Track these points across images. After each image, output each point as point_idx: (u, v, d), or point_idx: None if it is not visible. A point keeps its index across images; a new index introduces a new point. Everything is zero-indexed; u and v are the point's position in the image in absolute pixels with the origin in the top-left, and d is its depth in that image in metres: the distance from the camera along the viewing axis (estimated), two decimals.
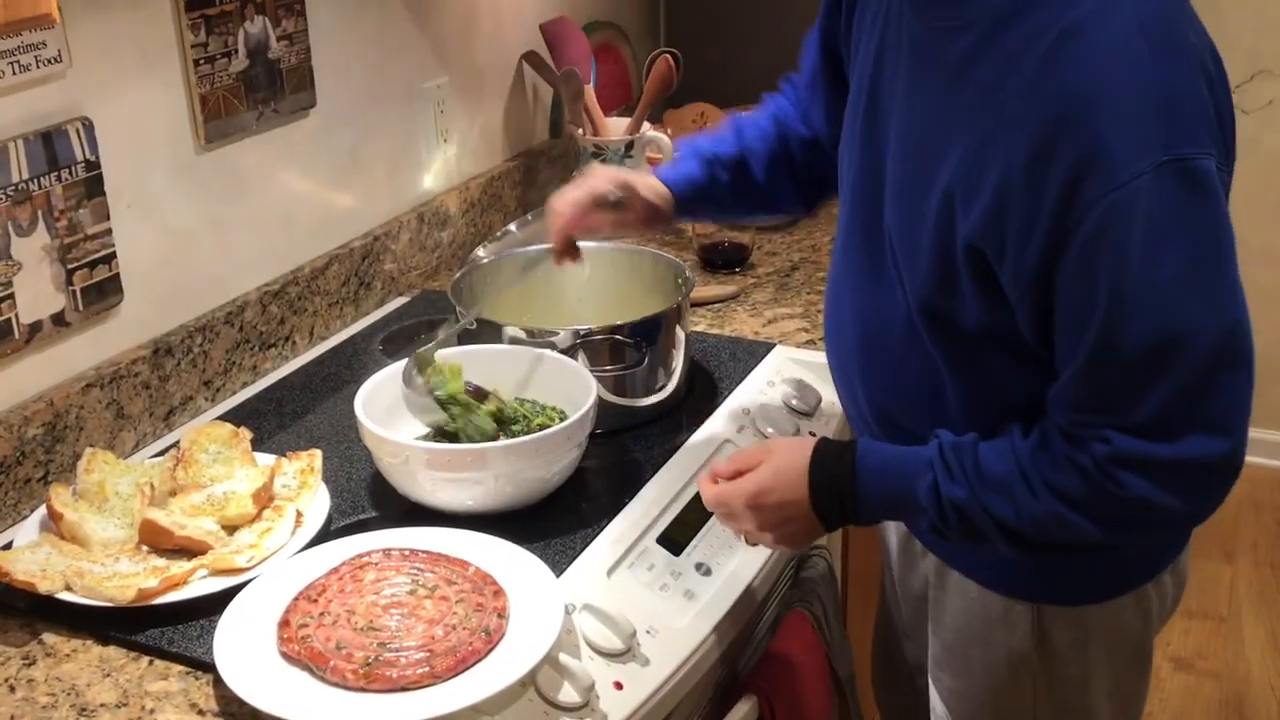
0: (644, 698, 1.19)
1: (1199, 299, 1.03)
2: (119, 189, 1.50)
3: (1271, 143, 3.27)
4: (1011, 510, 1.12)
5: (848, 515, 1.21)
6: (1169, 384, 1.03)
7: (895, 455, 1.19)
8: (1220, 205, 1.03)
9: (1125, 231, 0.99)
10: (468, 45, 2.14)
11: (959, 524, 1.15)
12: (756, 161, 1.50)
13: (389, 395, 1.46)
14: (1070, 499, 1.09)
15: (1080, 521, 1.10)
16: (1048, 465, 1.10)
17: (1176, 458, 1.06)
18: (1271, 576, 3.08)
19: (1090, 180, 0.99)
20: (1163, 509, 1.08)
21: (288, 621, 1.16)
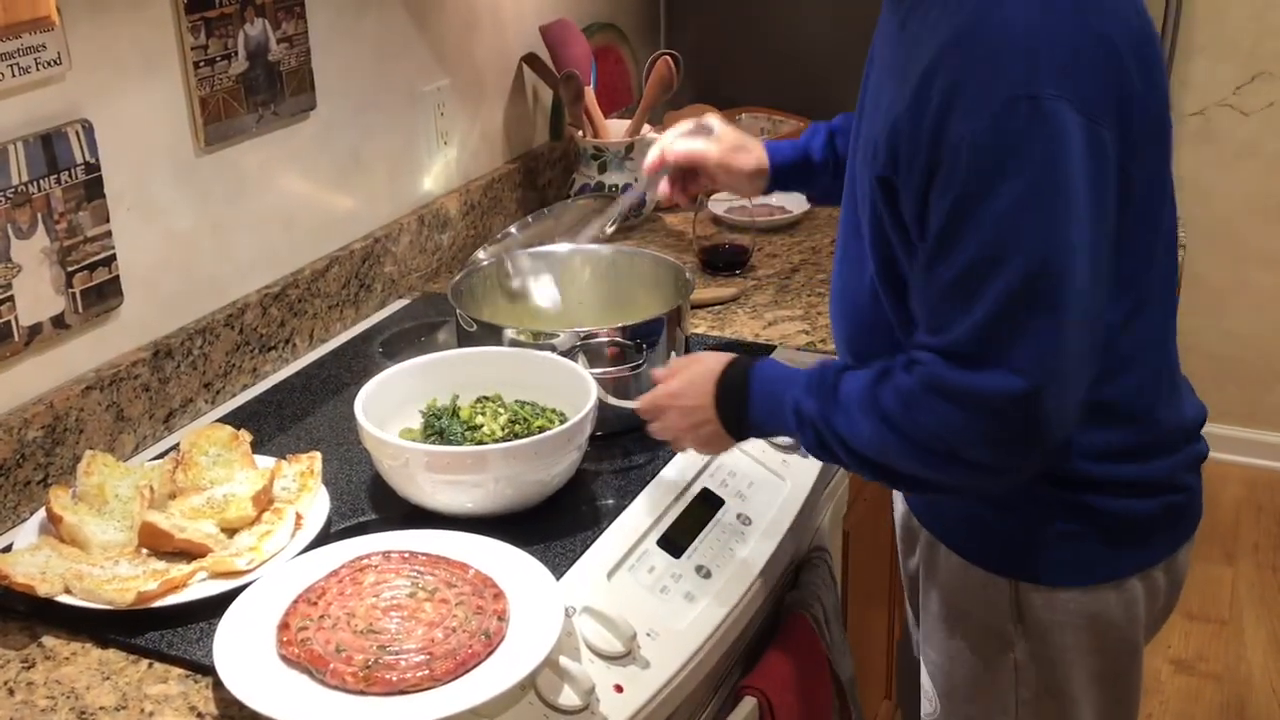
0: (644, 700, 1.19)
1: (1024, 232, 1.06)
2: (119, 191, 1.50)
3: (1272, 145, 3.27)
4: (848, 427, 1.18)
5: (743, 426, 1.29)
6: (981, 309, 1.07)
7: (784, 373, 1.27)
8: (1068, 148, 1.05)
9: (972, 158, 1.06)
10: (468, 47, 2.14)
11: (815, 440, 1.22)
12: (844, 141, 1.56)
13: (389, 397, 1.46)
14: (890, 421, 1.15)
15: (895, 445, 1.15)
16: (883, 387, 1.16)
17: (975, 387, 1.09)
18: (1272, 579, 3.08)
19: (952, 114, 1.06)
20: (958, 442, 1.11)
21: (287, 624, 1.16)
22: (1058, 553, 1.27)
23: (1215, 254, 3.34)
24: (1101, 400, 1.19)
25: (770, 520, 1.47)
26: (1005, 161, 1.05)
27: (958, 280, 1.09)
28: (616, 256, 1.77)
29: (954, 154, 1.06)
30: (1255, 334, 3.42)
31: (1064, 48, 1.06)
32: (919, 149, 1.09)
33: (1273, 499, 3.39)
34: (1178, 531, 1.33)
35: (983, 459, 1.13)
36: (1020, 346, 1.07)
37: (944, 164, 1.07)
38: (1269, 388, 3.47)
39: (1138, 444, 1.25)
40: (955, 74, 1.07)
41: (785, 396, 1.24)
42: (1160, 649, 2.84)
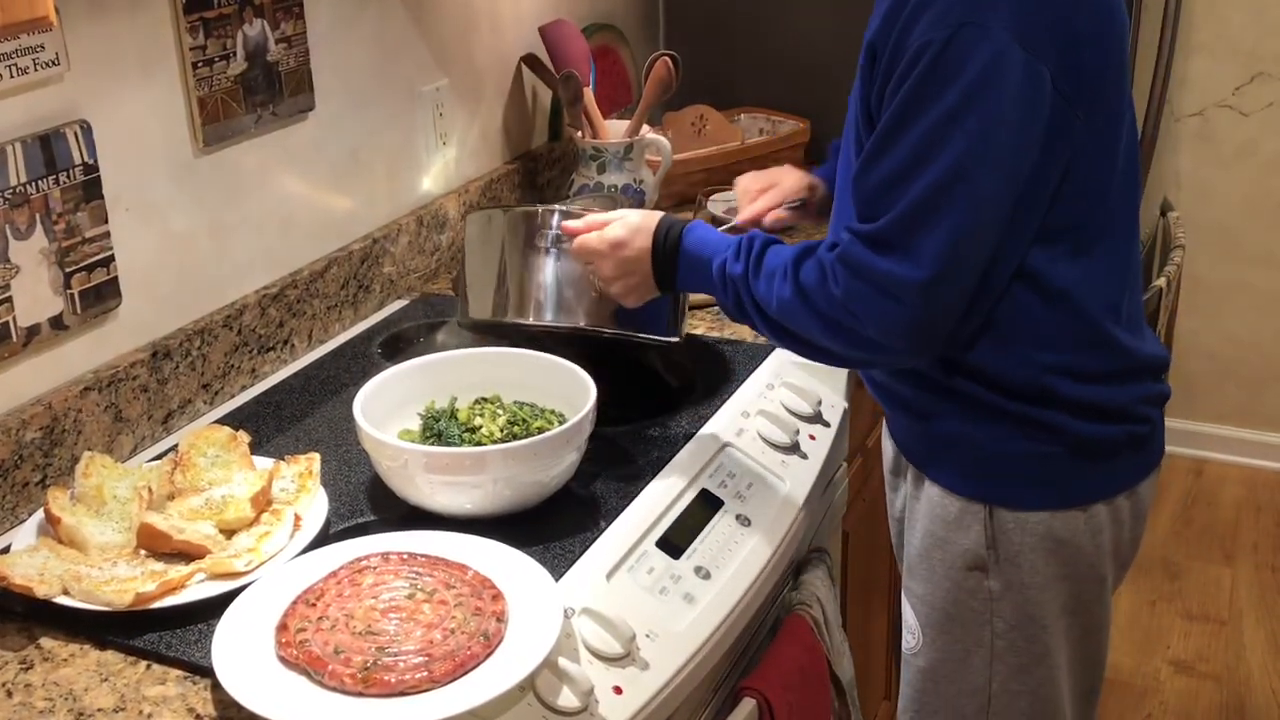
0: (643, 702, 1.19)
1: (950, 140, 1.19)
2: (117, 192, 1.50)
3: (1271, 145, 3.27)
4: (766, 293, 1.33)
5: (671, 280, 1.43)
6: (903, 202, 1.22)
7: (713, 236, 1.41)
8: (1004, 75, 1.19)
9: (920, 71, 1.20)
10: (467, 48, 2.14)
11: (733, 301, 1.37)
12: None
13: (388, 398, 1.45)
14: (803, 291, 1.29)
15: (805, 313, 1.30)
16: (805, 261, 1.31)
17: (882, 269, 1.23)
18: (1272, 579, 3.08)
19: (915, 28, 1.21)
20: (860, 315, 1.25)
21: (286, 625, 1.16)
22: (1027, 475, 1.37)
23: (1214, 254, 3.34)
24: (1064, 322, 1.32)
25: (769, 521, 1.47)
26: (947, 76, 1.19)
27: (889, 175, 1.23)
28: None
29: (908, 64, 1.21)
30: (1254, 334, 3.42)
31: None
32: (884, 57, 1.25)
33: (1272, 499, 3.39)
34: (1139, 460, 1.41)
35: (877, 335, 1.26)
36: (928, 240, 1.21)
37: (898, 71, 1.22)
38: (1269, 388, 3.47)
39: (1099, 368, 1.35)
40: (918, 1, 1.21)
41: (714, 257, 1.38)
42: (1160, 649, 2.84)
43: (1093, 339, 1.34)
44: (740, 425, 1.58)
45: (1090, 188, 1.30)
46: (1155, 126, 2.97)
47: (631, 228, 1.43)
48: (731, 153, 2.43)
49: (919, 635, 1.47)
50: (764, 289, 1.33)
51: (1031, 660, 1.42)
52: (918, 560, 1.46)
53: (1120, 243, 1.36)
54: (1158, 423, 1.43)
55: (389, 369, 1.49)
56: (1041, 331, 1.32)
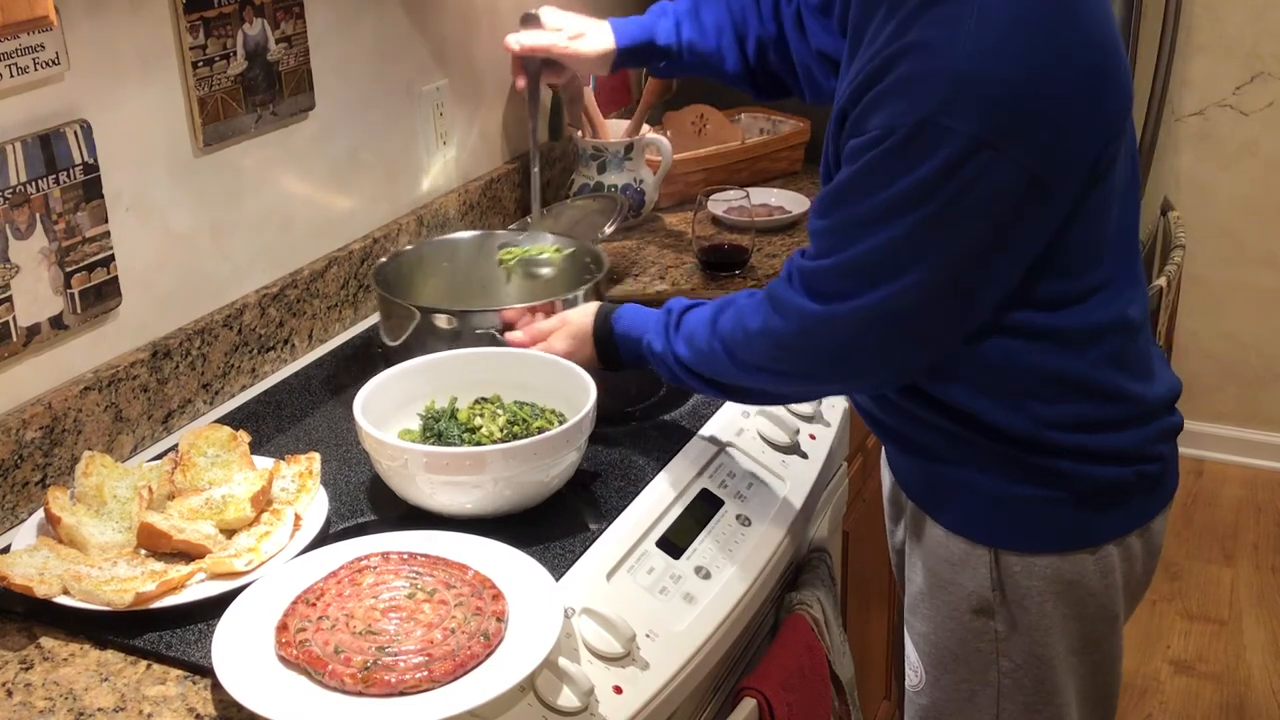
0: (643, 702, 1.19)
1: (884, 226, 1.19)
2: (117, 192, 1.50)
3: (1271, 146, 3.27)
4: (690, 354, 1.38)
5: (616, 366, 1.48)
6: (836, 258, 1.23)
7: (638, 317, 1.46)
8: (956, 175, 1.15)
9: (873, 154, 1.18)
10: (467, 47, 2.14)
11: (668, 373, 1.42)
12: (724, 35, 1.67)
13: (388, 398, 1.45)
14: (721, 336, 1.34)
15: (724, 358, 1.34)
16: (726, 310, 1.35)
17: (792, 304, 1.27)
18: (1272, 579, 3.08)
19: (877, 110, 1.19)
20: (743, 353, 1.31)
21: (286, 625, 1.16)
22: (1034, 519, 1.33)
23: (1215, 254, 3.34)
24: (1064, 375, 1.27)
25: (769, 521, 1.47)
26: (894, 171, 1.16)
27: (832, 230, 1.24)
28: None
29: (865, 143, 1.19)
30: (1255, 334, 3.42)
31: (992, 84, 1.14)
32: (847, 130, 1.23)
33: (1272, 499, 3.39)
34: (1152, 499, 1.37)
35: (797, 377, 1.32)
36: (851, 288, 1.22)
37: (854, 144, 1.20)
38: (1269, 388, 3.47)
39: (1106, 417, 1.30)
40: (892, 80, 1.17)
41: (640, 339, 1.43)
42: (1160, 649, 2.84)
43: (1095, 391, 1.29)
44: (740, 425, 1.58)
45: (1083, 248, 1.25)
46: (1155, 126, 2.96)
47: (572, 336, 1.50)
48: (731, 153, 2.43)
49: (921, 673, 1.44)
50: (686, 350, 1.38)
51: (1040, 699, 1.38)
52: (920, 599, 1.43)
53: (1121, 288, 1.30)
54: (1170, 458, 1.38)
55: (389, 369, 1.49)
56: (1037, 385, 1.28)
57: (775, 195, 2.37)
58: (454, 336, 1.59)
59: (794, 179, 2.50)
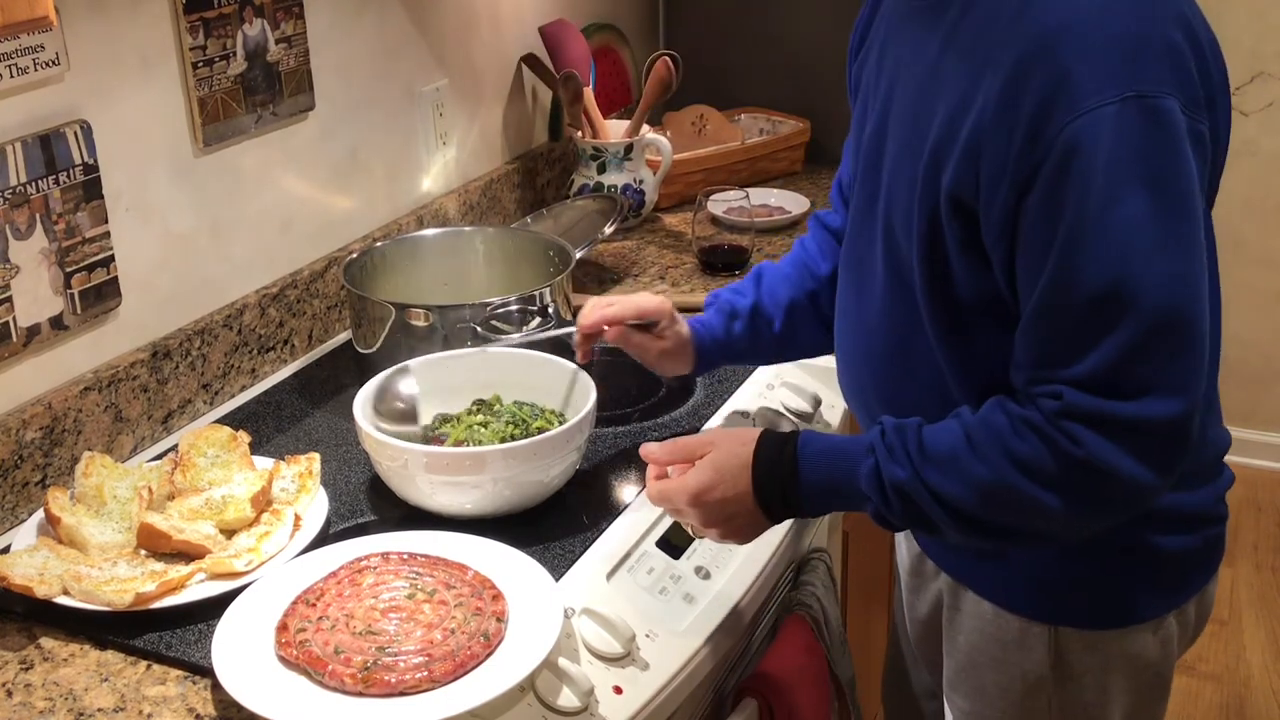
0: (643, 702, 1.19)
1: (1152, 243, 1.00)
2: (117, 192, 1.50)
3: (1271, 145, 3.27)
4: (958, 486, 1.09)
5: (791, 508, 1.20)
6: (1120, 334, 1.01)
7: (838, 442, 1.18)
8: (1182, 147, 1.01)
9: (1087, 163, 0.99)
10: (467, 48, 2.14)
11: (903, 508, 1.13)
12: (774, 308, 1.48)
13: (388, 398, 1.45)
14: (1023, 462, 1.06)
15: (1034, 489, 1.06)
16: (999, 428, 1.08)
17: (1129, 415, 1.03)
18: (1272, 579, 3.08)
19: (1055, 112, 1.00)
20: (1117, 471, 1.04)
21: (286, 625, 1.16)
22: (1100, 597, 1.23)
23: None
24: None
25: None
26: (1127, 167, 0.99)
27: (1088, 306, 1.02)
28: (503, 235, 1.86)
29: (1063, 158, 0.99)
30: (1255, 334, 3.42)
31: (1162, 42, 1.01)
32: (1009, 157, 1.02)
33: (1272, 499, 3.39)
34: (1210, 566, 1.29)
35: (1146, 483, 1.05)
36: (1165, 366, 1.02)
37: (1046, 171, 1.00)
38: (1269, 388, 3.47)
39: (1188, 469, 1.13)
40: (1054, 72, 1.00)
41: (854, 469, 1.15)
42: None
43: None
44: (740, 425, 1.58)
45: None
46: None
47: (719, 469, 1.20)
48: (731, 153, 2.43)
49: None
50: (950, 483, 1.10)
51: None
52: (964, 675, 1.33)
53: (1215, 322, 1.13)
54: (1226, 518, 1.28)
55: (389, 369, 1.49)
56: None
57: (775, 195, 2.37)
58: (430, 334, 1.58)
59: (794, 179, 2.50)
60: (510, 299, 1.60)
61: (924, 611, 1.41)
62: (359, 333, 1.68)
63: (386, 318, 1.60)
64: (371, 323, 1.63)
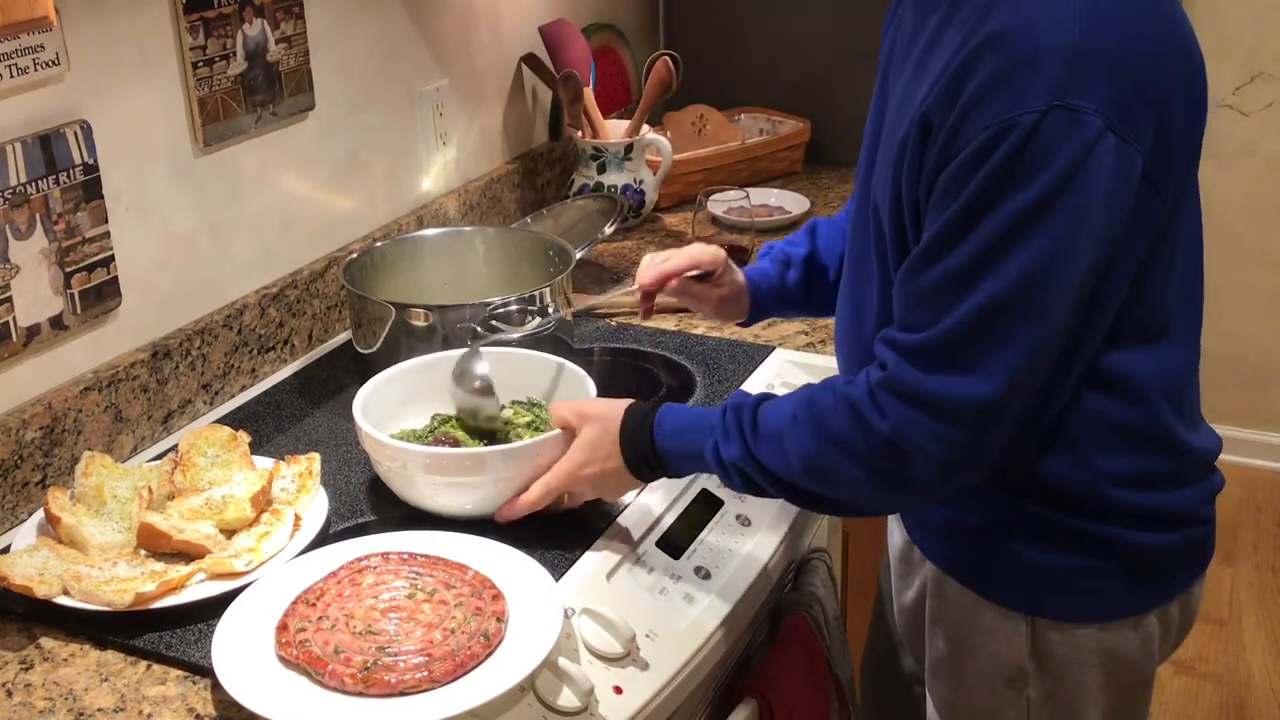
0: (643, 702, 1.19)
1: (1028, 242, 1.05)
2: (117, 192, 1.50)
3: (1271, 146, 3.27)
4: (781, 459, 1.20)
5: (657, 473, 1.31)
6: (963, 310, 1.07)
7: (687, 420, 1.28)
8: (1094, 168, 1.04)
9: (998, 159, 1.03)
10: (467, 48, 2.14)
11: (741, 481, 1.24)
12: (829, 257, 1.52)
13: (388, 399, 1.45)
14: (837, 438, 1.15)
15: (845, 464, 1.15)
16: (820, 407, 1.17)
17: (941, 391, 1.09)
18: (1272, 579, 3.08)
19: (986, 107, 1.04)
20: (918, 449, 1.11)
21: (286, 625, 1.16)
22: (1079, 590, 1.24)
23: (1215, 254, 3.30)
24: (1131, 425, 1.19)
25: (769, 521, 1.47)
26: (1031, 166, 1.03)
27: (949, 275, 1.08)
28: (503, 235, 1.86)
29: (981, 147, 1.04)
30: (1255, 334, 3.42)
31: (1106, 58, 1.04)
32: (943, 135, 1.07)
33: (1272, 499, 3.39)
34: (1195, 566, 1.30)
35: (930, 469, 1.12)
36: (997, 354, 1.07)
37: (964, 154, 1.05)
38: (1269, 388, 3.47)
39: (1163, 471, 1.22)
40: (992, 71, 1.04)
41: (700, 446, 1.25)
42: None
43: (1160, 441, 1.21)
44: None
45: (1164, 276, 1.16)
46: None
47: (589, 444, 1.31)
48: (731, 153, 2.43)
49: None
50: (774, 457, 1.20)
51: None
52: (943, 664, 1.35)
53: (1190, 331, 1.22)
54: (1213, 520, 1.29)
55: (389, 369, 1.49)
56: (1109, 436, 1.18)
57: (775, 195, 2.37)
58: (430, 334, 1.58)
59: (794, 179, 2.50)
60: (510, 299, 1.60)
61: (911, 599, 1.43)
62: (359, 333, 1.68)
63: (386, 318, 1.60)
64: (371, 323, 1.63)
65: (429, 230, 1.91)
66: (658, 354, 1.78)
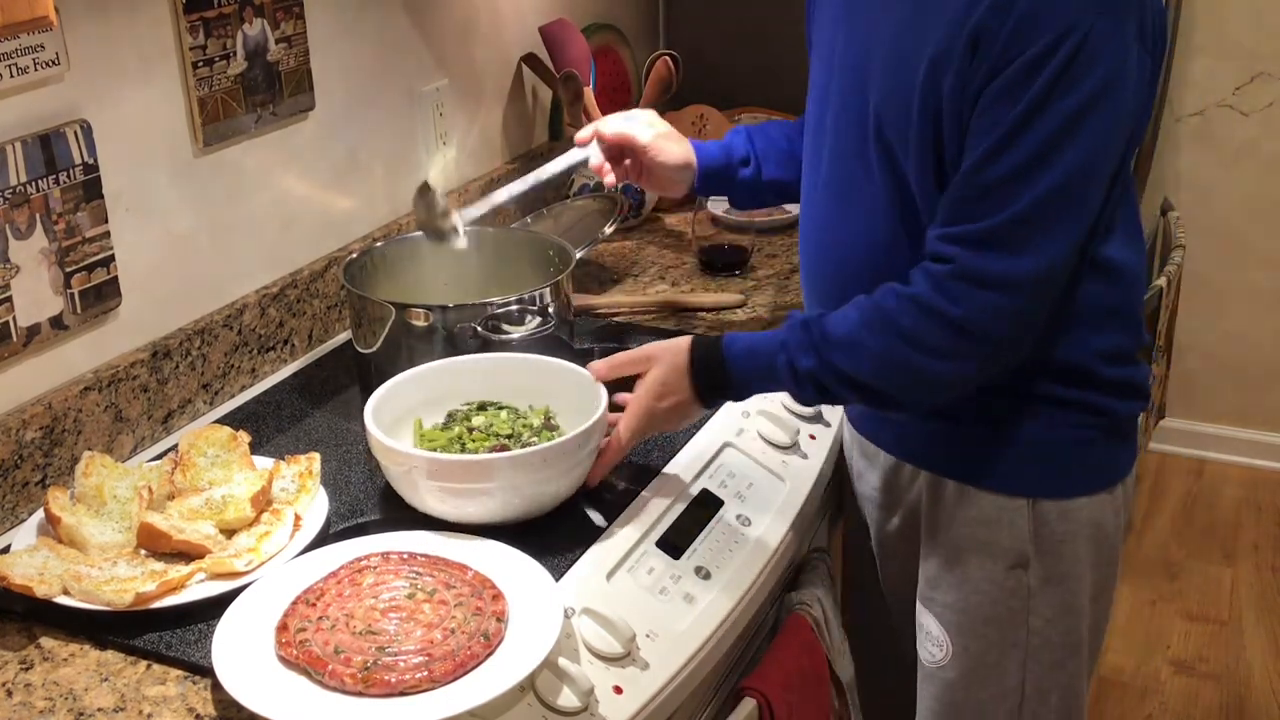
0: (643, 702, 1.19)
1: (1081, 136, 1.18)
2: (117, 192, 1.50)
3: (1271, 146, 3.27)
4: (854, 362, 1.29)
5: (729, 397, 1.41)
6: (1024, 200, 1.20)
7: (754, 343, 1.36)
8: (1127, 67, 1.20)
9: (1052, 65, 1.16)
10: (467, 48, 2.14)
11: (815, 391, 1.32)
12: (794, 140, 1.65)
13: (399, 403, 1.44)
14: (910, 335, 1.25)
15: (921, 358, 1.26)
16: (888, 309, 1.27)
17: (1008, 271, 1.22)
18: (1272, 579, 3.08)
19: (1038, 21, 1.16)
20: (988, 329, 1.24)
21: (286, 625, 1.16)
22: (1073, 461, 1.37)
23: (1215, 254, 3.34)
24: (1116, 306, 1.34)
25: (769, 521, 1.47)
26: (1080, 72, 1.16)
27: (1010, 174, 1.20)
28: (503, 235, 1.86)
29: (1037, 57, 1.16)
30: (1254, 334, 3.42)
31: None
32: (997, 46, 1.18)
33: (1272, 499, 3.39)
34: (1137, 436, 1.45)
35: (1000, 341, 1.25)
36: (1047, 239, 1.21)
37: (1016, 67, 1.17)
38: (1268, 388, 3.47)
39: (1132, 347, 1.38)
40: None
41: (772, 362, 1.33)
42: (1160, 649, 2.84)
43: (1131, 322, 1.37)
44: (740, 425, 1.58)
45: (1127, 176, 1.32)
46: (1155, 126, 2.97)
47: (664, 382, 1.38)
48: None
49: (948, 646, 1.45)
50: (848, 360, 1.29)
51: (1066, 654, 1.42)
52: (944, 570, 1.44)
53: (1138, 226, 1.38)
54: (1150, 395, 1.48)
55: (400, 374, 1.47)
56: (1100, 317, 1.33)
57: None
58: (430, 334, 1.58)
59: None
60: (510, 299, 1.60)
61: (897, 524, 1.51)
62: (359, 333, 1.67)
63: (386, 318, 1.60)
64: (371, 323, 1.63)
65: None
66: None
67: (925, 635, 1.48)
